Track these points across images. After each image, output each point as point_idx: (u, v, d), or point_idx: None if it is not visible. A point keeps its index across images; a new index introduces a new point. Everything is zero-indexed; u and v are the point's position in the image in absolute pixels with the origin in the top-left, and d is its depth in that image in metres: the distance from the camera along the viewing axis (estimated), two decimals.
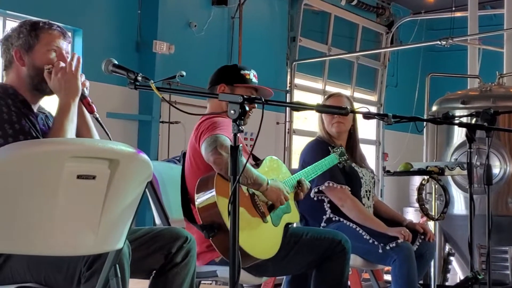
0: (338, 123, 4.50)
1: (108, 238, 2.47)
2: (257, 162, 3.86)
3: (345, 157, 4.27)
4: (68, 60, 2.94)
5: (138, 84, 2.72)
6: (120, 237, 2.52)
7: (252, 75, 3.93)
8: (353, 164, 4.52)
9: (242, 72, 3.91)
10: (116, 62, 2.82)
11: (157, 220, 3.90)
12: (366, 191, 4.50)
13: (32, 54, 2.93)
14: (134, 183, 2.48)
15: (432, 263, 5.23)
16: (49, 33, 2.95)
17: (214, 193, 3.42)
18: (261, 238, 3.57)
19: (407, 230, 4.26)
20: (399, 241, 4.19)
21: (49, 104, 3.11)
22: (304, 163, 4.44)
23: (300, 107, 2.94)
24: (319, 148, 4.47)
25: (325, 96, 4.76)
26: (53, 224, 2.29)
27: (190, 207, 3.65)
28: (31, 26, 2.94)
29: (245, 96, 2.59)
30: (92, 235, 2.40)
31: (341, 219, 4.35)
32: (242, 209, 3.43)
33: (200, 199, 3.48)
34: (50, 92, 2.96)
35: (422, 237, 4.39)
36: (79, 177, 2.28)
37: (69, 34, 3.09)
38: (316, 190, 4.37)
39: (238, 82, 3.88)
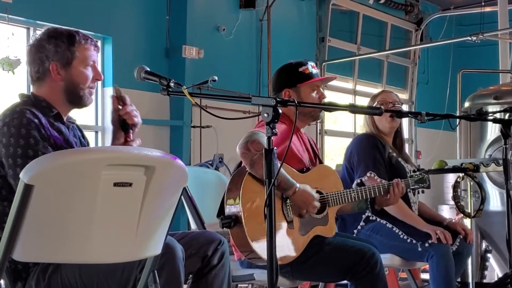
0: (392, 118, 4.41)
1: (146, 244, 2.49)
2: (308, 167, 3.75)
3: (424, 184, 4.08)
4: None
5: (171, 90, 2.74)
6: (158, 243, 2.53)
7: (311, 67, 3.81)
8: (399, 159, 4.49)
9: (300, 69, 3.79)
10: (148, 69, 2.83)
11: (193, 225, 3.91)
12: None
13: (70, 70, 2.94)
14: (170, 189, 2.50)
15: (469, 260, 5.19)
16: (85, 47, 2.96)
17: (241, 186, 3.34)
18: (277, 240, 3.44)
19: (444, 231, 4.22)
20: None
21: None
22: (351, 155, 4.42)
23: (333, 108, 2.93)
24: (368, 140, 4.45)
25: (376, 94, 4.62)
26: (92, 231, 2.31)
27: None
28: (69, 40, 2.94)
29: (278, 99, 2.58)
30: (130, 242, 2.42)
31: (378, 219, 4.33)
32: None
33: (230, 186, 3.41)
34: (83, 106, 3.00)
35: (461, 237, 4.35)
36: (115, 184, 2.29)
37: (98, 43, 3.11)
38: (358, 181, 4.33)
39: (300, 81, 3.78)
